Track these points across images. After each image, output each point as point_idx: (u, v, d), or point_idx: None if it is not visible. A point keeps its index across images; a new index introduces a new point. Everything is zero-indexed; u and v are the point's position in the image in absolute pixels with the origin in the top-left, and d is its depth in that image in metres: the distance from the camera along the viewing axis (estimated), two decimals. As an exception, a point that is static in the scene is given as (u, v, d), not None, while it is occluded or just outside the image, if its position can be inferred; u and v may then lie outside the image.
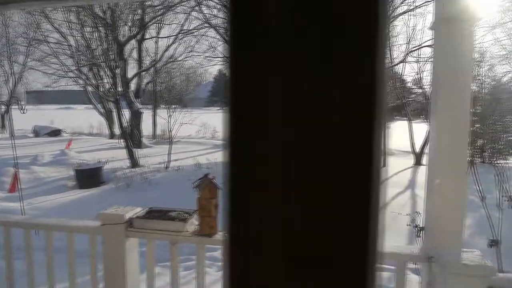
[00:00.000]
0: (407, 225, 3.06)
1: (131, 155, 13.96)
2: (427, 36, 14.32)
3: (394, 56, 15.35)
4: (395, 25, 14.67)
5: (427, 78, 15.55)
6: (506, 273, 3.06)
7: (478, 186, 3.12)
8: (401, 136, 18.49)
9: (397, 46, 16.27)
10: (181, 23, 17.41)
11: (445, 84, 2.23)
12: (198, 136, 23.76)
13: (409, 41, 14.31)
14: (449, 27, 2.17)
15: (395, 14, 13.41)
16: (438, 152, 2.28)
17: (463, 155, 2.27)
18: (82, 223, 2.99)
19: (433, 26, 2.29)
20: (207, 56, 16.94)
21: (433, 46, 2.39)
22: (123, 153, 14.70)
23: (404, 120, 18.07)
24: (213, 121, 26.25)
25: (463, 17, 2.17)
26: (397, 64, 14.66)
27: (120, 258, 2.85)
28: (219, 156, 14.31)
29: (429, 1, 13.25)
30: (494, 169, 3.15)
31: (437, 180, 2.32)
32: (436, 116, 2.28)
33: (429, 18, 13.14)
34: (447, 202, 2.29)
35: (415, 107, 17.59)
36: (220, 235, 2.71)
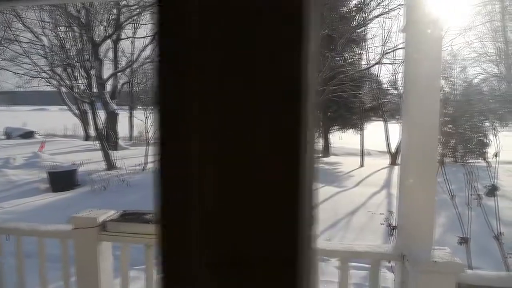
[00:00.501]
0: (381, 224, 3.11)
1: (107, 157, 13.72)
2: (402, 38, 14.62)
3: (370, 58, 15.62)
4: (371, 28, 14.93)
5: (402, 80, 15.87)
6: (475, 269, 3.15)
7: (448, 185, 3.21)
8: (377, 136, 18.81)
9: (373, 48, 16.56)
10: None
11: (415, 86, 2.28)
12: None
13: (385, 43, 14.58)
14: (419, 30, 2.22)
15: (371, 16, 13.64)
16: (409, 152, 2.33)
17: (433, 154, 2.32)
18: (53, 227, 2.92)
19: (404, 29, 2.33)
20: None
21: (404, 48, 2.44)
22: (99, 155, 14.44)
23: (380, 120, 18.40)
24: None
25: (432, 20, 2.22)
26: (373, 66, 14.91)
27: (93, 263, 2.80)
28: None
29: (403, 4, 13.53)
30: (464, 168, 3.24)
31: (410, 179, 2.37)
32: (407, 117, 2.33)
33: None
34: (418, 201, 2.33)
35: (391, 108, 17.91)
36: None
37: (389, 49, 14.72)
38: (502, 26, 13.56)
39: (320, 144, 20.27)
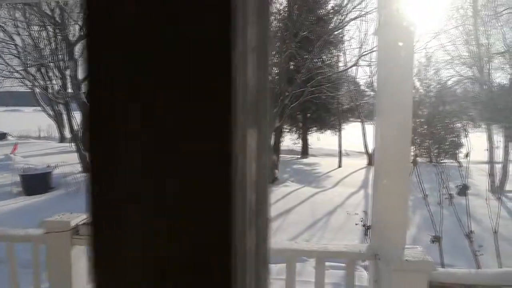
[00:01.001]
0: (356, 224, 3.15)
1: (83, 159, 13.45)
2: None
3: (347, 60, 15.83)
4: (348, 30, 15.11)
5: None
6: (447, 267, 3.22)
7: (421, 185, 3.28)
8: (355, 137, 19.07)
9: (350, 50, 16.77)
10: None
11: (388, 87, 2.32)
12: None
13: (361, 46, 14.79)
14: (390, 33, 2.26)
15: (347, 19, 13.82)
16: (382, 152, 2.37)
17: (406, 155, 2.37)
18: (24, 231, 2.84)
19: (376, 31, 2.37)
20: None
21: (377, 51, 2.48)
22: (75, 157, 14.14)
23: (358, 121, 18.66)
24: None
25: (403, 23, 2.27)
26: (350, 68, 15.11)
27: (66, 267, 2.73)
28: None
29: (376, 7, 13.76)
30: (436, 168, 3.32)
31: (383, 180, 2.41)
32: (380, 118, 2.36)
33: (380, 24, 13.59)
34: (391, 201, 2.38)
35: (368, 109, 18.20)
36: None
37: (365, 51, 14.95)
38: (474, 30, 13.94)
39: (299, 145, 20.42)
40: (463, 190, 2.95)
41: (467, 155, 3.25)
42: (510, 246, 7.35)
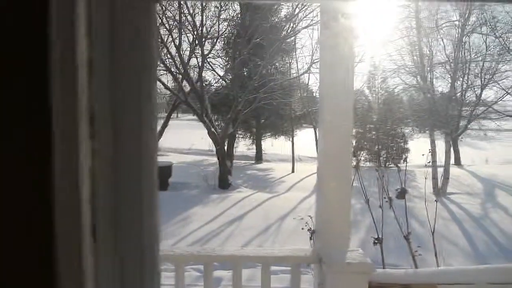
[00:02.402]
0: (302, 229, 3.21)
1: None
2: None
3: (299, 67, 16.15)
4: (300, 38, 15.46)
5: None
6: (391, 267, 3.35)
7: (363, 189, 3.40)
8: (308, 142, 19.44)
9: (302, 57, 17.16)
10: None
11: (329, 94, 2.39)
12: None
13: (313, 53, 15.13)
14: (331, 41, 2.33)
15: (299, 27, 14.11)
16: (324, 157, 2.42)
17: (347, 160, 2.44)
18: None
19: (318, 40, 2.44)
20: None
21: (319, 59, 2.55)
22: None
23: (310, 127, 19.05)
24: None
25: (345, 32, 2.35)
26: (302, 74, 15.43)
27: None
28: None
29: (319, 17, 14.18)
30: (377, 173, 3.45)
31: (326, 185, 2.46)
32: (322, 124, 2.42)
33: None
34: (334, 205, 2.44)
35: (320, 116, 18.59)
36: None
37: (317, 59, 15.31)
38: (418, 41, 14.70)
39: (253, 151, 20.53)
40: (401, 193, 3.09)
41: (404, 160, 3.39)
42: (449, 245, 7.78)
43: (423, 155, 4.46)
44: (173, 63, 14.08)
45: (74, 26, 0.25)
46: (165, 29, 13.33)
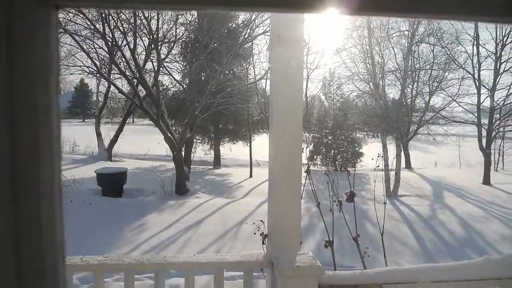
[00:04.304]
0: (254, 233, 3.22)
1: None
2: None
3: (256, 73, 16.30)
4: (257, 44, 15.59)
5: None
6: (345, 269, 3.43)
7: (314, 193, 3.47)
8: (266, 147, 19.57)
9: (260, 63, 17.30)
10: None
11: (279, 99, 2.43)
12: (55, 151, 21.55)
13: (269, 59, 15.31)
14: (282, 49, 2.37)
15: (256, 33, 14.24)
16: (275, 162, 2.45)
17: (297, 164, 2.49)
18: None
19: (269, 47, 2.48)
20: (63, 64, 15.49)
21: (269, 65, 2.59)
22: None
23: (268, 132, 19.24)
24: (73, 134, 24.17)
25: (294, 39, 2.40)
26: (259, 80, 15.55)
27: None
28: (78, 172, 13.19)
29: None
30: (327, 177, 3.53)
31: (276, 189, 2.49)
32: (272, 129, 2.46)
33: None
34: (284, 209, 2.47)
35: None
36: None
37: (274, 65, 15.46)
38: (370, 49, 15.25)
39: (211, 156, 20.41)
40: (350, 196, 3.19)
41: (354, 165, 3.49)
42: (399, 245, 8.10)
43: (372, 159, 4.61)
44: (127, 67, 13.77)
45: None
46: (119, 32, 13.02)
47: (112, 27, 12.79)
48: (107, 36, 12.74)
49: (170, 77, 15.50)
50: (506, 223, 10.04)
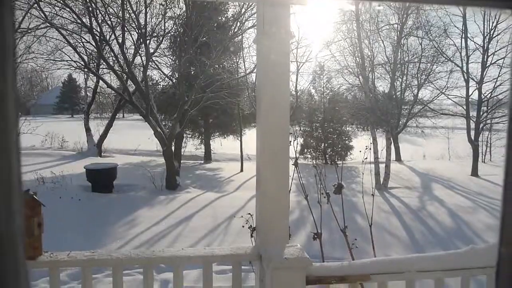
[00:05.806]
0: (242, 226, 3.23)
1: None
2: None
3: (247, 67, 16.23)
4: (247, 38, 15.53)
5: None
6: (334, 261, 3.46)
7: (302, 186, 3.49)
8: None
9: (249, 57, 17.25)
10: (18, 20, 15.42)
11: (266, 92, 2.42)
12: (44, 146, 21.38)
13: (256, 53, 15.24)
14: (268, 42, 2.36)
15: (245, 27, 14.17)
16: (262, 155, 2.46)
17: (285, 157, 2.49)
18: None
19: (255, 40, 2.47)
20: (49, 59, 15.25)
21: (256, 58, 2.58)
22: None
23: (259, 126, 19.22)
24: (62, 129, 23.94)
25: (280, 32, 2.39)
26: (249, 74, 15.51)
27: None
28: (67, 168, 13.07)
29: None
30: (315, 169, 3.56)
31: (264, 182, 2.50)
32: (260, 122, 2.46)
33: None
34: (272, 202, 2.48)
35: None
36: (46, 257, 2.45)
37: (264, 59, 15.42)
38: (359, 43, 15.28)
39: (202, 150, 20.35)
40: (338, 188, 3.21)
41: (343, 158, 3.50)
42: (389, 236, 8.19)
43: (360, 151, 4.64)
44: (116, 61, 13.62)
45: None
46: (107, 27, 12.87)
47: (100, 21, 12.63)
48: (94, 30, 12.58)
49: (159, 71, 15.38)
50: (492, 212, 10.20)
